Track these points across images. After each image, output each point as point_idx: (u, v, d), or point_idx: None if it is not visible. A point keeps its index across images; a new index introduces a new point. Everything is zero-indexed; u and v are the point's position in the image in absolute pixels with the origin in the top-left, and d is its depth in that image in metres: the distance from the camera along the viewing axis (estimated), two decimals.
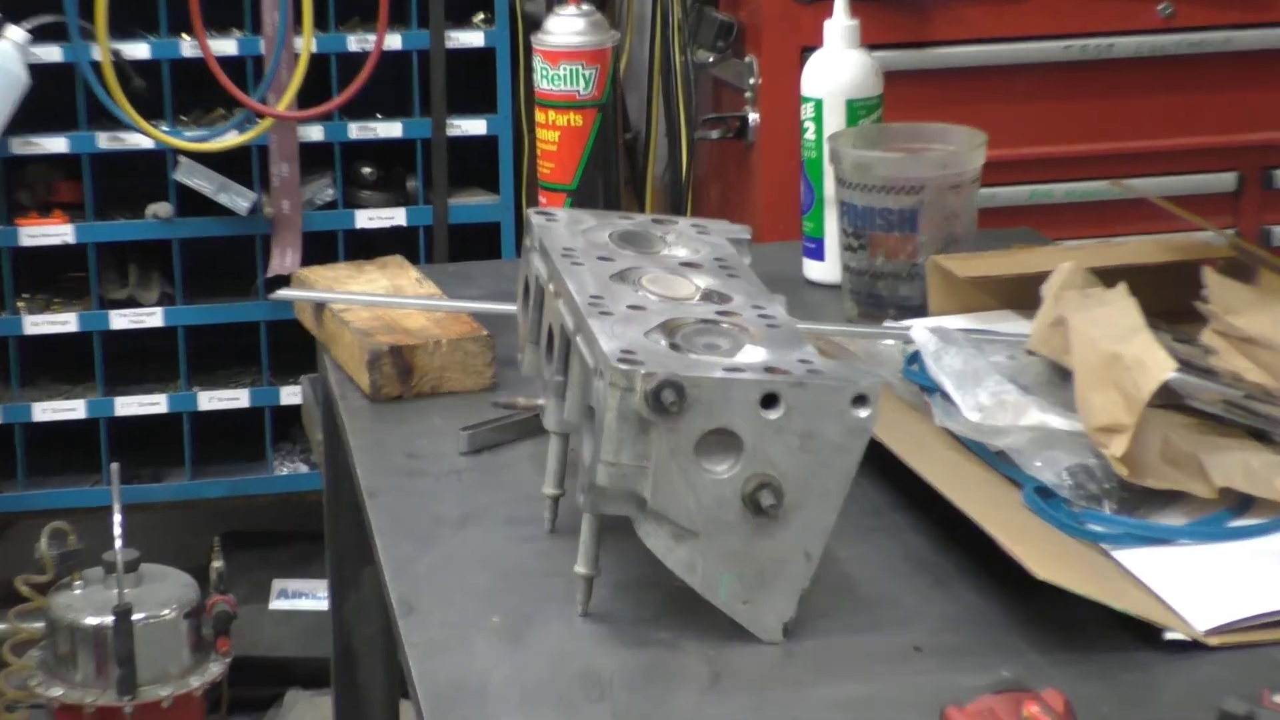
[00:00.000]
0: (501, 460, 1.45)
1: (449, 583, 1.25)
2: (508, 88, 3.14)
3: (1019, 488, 1.30)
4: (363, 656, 1.85)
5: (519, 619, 1.20)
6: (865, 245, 1.65)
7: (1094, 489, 1.28)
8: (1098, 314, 1.37)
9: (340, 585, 1.85)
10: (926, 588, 1.23)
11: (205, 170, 3.07)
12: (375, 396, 1.56)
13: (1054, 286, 1.45)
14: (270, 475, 3.21)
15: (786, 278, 1.75)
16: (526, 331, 1.38)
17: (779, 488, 1.14)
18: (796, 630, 1.17)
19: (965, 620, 1.19)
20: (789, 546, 1.15)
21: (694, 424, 1.12)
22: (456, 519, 1.35)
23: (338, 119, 3.10)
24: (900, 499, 1.33)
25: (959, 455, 1.35)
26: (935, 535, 1.29)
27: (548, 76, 1.91)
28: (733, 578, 1.16)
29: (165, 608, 2.88)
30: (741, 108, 2.89)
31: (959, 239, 1.65)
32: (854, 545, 1.26)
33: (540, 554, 1.28)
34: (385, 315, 1.62)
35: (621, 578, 1.22)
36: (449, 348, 1.56)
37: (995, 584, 1.21)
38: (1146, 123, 2.90)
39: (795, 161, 1.82)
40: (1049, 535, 1.24)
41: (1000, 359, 1.43)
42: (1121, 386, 1.28)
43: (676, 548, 1.15)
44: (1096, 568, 1.20)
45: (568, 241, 1.34)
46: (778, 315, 1.24)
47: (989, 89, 2.81)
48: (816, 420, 1.13)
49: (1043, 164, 2.80)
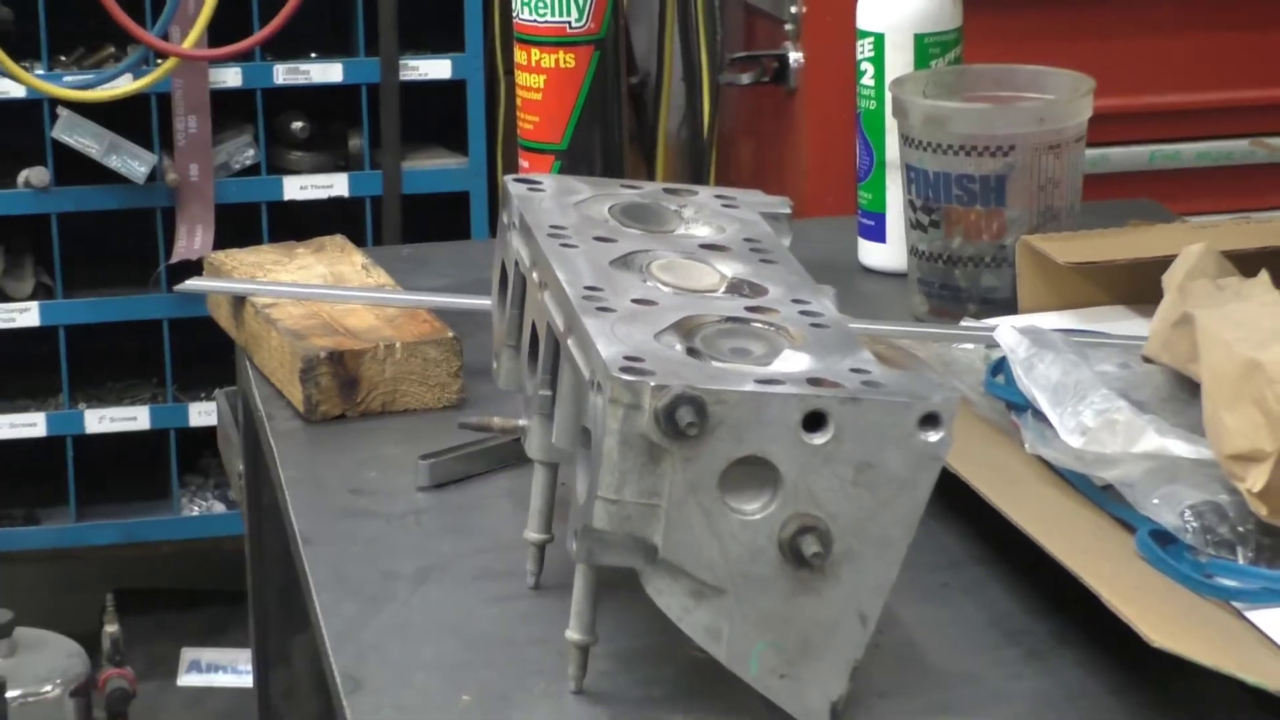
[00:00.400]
0: (471, 497, 1.46)
1: (406, 653, 1.26)
2: (478, 18, 3.15)
3: (1132, 531, 1.31)
4: None
5: (495, 698, 1.20)
6: (939, 222, 1.65)
7: (1226, 532, 1.29)
8: (1234, 311, 1.38)
9: (266, 657, 1.86)
10: (1015, 660, 1.24)
11: (92, 126, 3.08)
12: (311, 416, 1.56)
13: (1178, 275, 1.46)
14: (176, 517, 3.23)
15: (838, 264, 1.76)
16: (503, 333, 1.39)
17: (826, 532, 1.14)
18: (848, 713, 1.17)
19: (1064, 701, 1.19)
20: (839, 607, 1.16)
21: (719, 451, 1.13)
22: (414, 573, 1.35)
23: (260, 59, 3.11)
24: (981, 547, 1.34)
25: (1056, 491, 1.35)
26: (1026, 593, 1.30)
27: (530, 4, 1.92)
28: (768, 646, 1.16)
29: (46, 683, 2.90)
30: (781, 44, 2.90)
31: (1059, 214, 1.66)
32: (922, 605, 1.28)
33: (521, 617, 1.29)
34: (323, 312, 1.62)
35: (625, 647, 1.23)
36: (404, 353, 1.57)
37: (1102, 655, 1.22)
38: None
39: (849, 114, 1.82)
40: (1169, 592, 1.24)
41: (1109, 368, 1.44)
42: (1264, 404, 1.29)
43: (696, 609, 1.15)
44: (1228, 632, 1.21)
45: (557, 217, 1.35)
46: (826, 312, 1.25)
47: (1098, 20, 2.82)
48: (874, 446, 1.14)
49: (1167, 117, 2.81)
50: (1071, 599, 1.23)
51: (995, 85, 1.72)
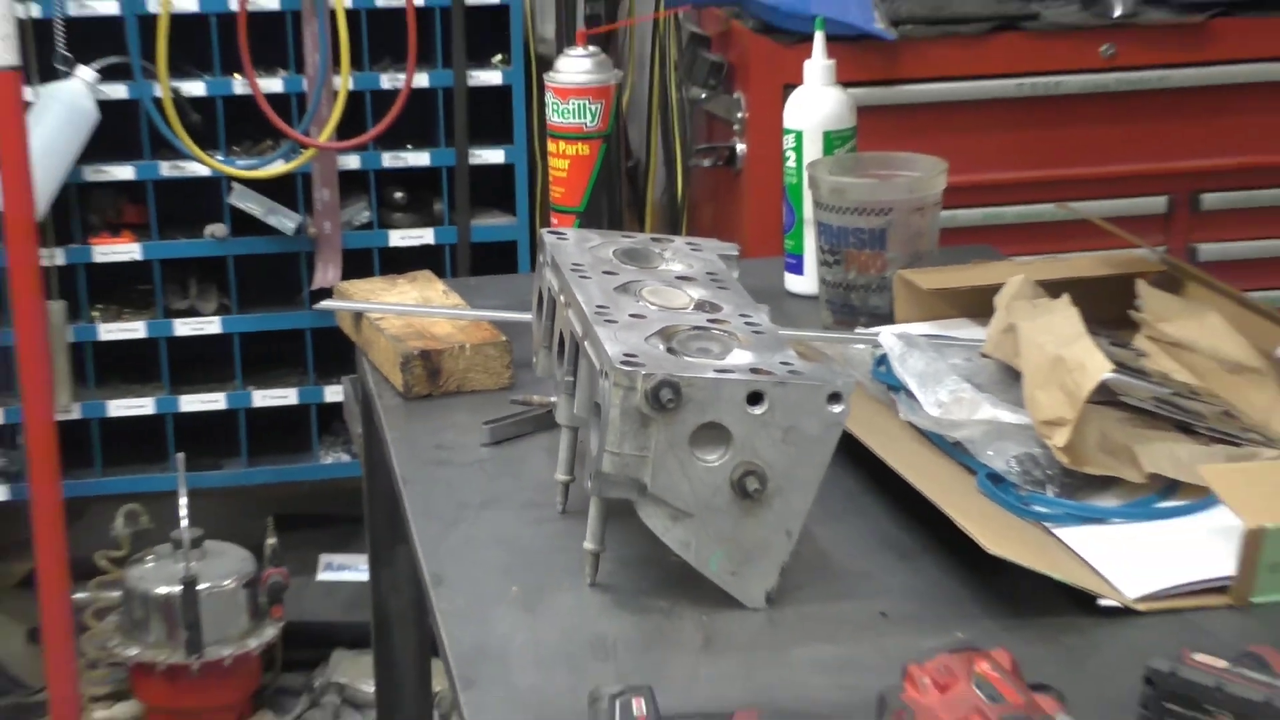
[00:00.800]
0: (519, 451, 1.45)
1: (473, 558, 1.26)
2: (523, 121, 3.14)
3: (973, 474, 1.30)
4: (398, 622, 1.86)
5: (535, 590, 1.20)
6: (840, 261, 1.65)
7: (1039, 475, 1.29)
8: (1044, 322, 1.38)
9: (378, 560, 1.85)
10: (892, 562, 1.24)
11: (256, 195, 3.07)
12: (407, 395, 1.56)
13: (1005, 297, 1.45)
14: (316, 464, 3.22)
15: (770, 290, 1.75)
16: (540, 337, 1.38)
17: (763, 475, 1.14)
18: (778, 599, 1.17)
19: (926, 590, 1.19)
20: (771, 527, 1.16)
21: (688, 419, 1.12)
22: (479, 503, 1.35)
23: (372, 149, 3.10)
24: (870, 485, 1.33)
25: (921, 446, 1.35)
26: (900, 516, 1.29)
27: (558, 111, 1.91)
28: (722, 554, 1.16)
29: (226, 579, 2.90)
30: (730, 139, 2.89)
31: (923, 255, 1.65)
32: (829, 525, 1.27)
33: (553, 533, 1.29)
34: (416, 323, 1.62)
35: (624, 554, 1.22)
36: (472, 351, 1.57)
37: (953, 559, 1.21)
38: (1089, 152, 2.90)
39: (778, 187, 1.81)
40: (999, 516, 1.24)
41: (958, 361, 1.43)
42: (1064, 385, 1.29)
43: (673, 527, 1.15)
44: (1040, 544, 1.21)
45: (576, 257, 1.34)
46: (762, 323, 1.25)
47: (950, 122, 2.81)
48: (797, 416, 1.14)
49: (997, 189, 2.80)
50: (932, 521, 1.22)
51: (879, 166, 1.71)
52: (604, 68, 1.93)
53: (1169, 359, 1.43)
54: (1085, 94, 2.89)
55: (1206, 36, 2.89)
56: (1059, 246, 2.56)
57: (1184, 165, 2.95)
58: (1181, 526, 1.24)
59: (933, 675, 0.98)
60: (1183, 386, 1.39)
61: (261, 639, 2.92)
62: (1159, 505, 1.27)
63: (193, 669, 2.86)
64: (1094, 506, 1.26)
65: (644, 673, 1.05)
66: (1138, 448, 1.30)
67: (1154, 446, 1.30)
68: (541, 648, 1.13)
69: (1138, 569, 1.17)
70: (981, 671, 0.97)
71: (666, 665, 1.10)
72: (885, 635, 1.13)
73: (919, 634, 1.12)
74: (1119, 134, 2.92)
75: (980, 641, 1.00)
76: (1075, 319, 1.36)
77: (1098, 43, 2.86)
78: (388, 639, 1.87)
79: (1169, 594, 1.15)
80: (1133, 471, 1.28)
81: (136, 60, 2.94)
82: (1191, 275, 1.57)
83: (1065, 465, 1.27)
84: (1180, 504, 1.26)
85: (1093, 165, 2.91)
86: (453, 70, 3.07)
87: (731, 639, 1.14)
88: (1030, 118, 2.88)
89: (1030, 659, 1.00)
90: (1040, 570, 1.15)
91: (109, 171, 3.03)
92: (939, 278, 1.59)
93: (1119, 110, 2.90)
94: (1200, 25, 2.88)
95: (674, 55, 3.14)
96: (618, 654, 1.12)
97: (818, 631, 1.14)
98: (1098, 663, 1.09)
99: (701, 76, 3.02)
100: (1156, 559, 1.18)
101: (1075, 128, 2.90)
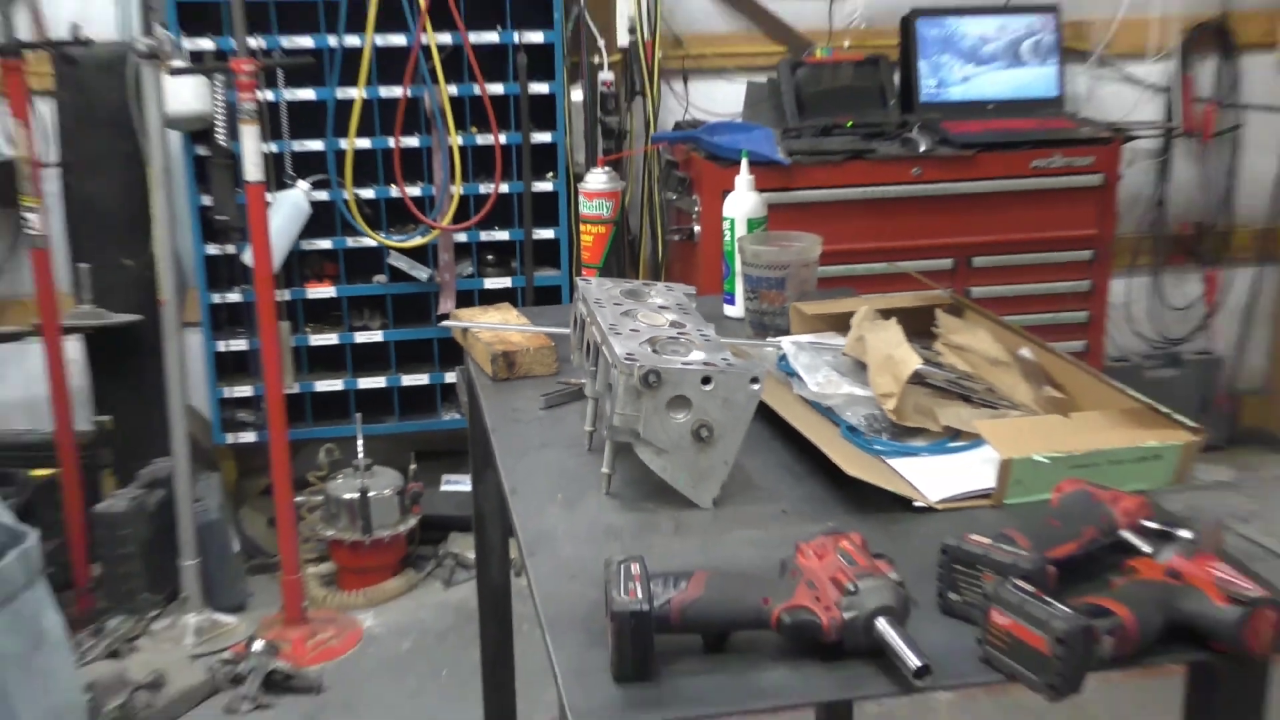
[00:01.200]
0: (562, 413, 1.44)
1: (536, 478, 1.25)
2: (564, 212, 3.13)
3: (838, 426, 1.30)
4: (489, 516, 1.85)
5: (572, 497, 1.20)
6: (757, 297, 1.64)
7: (878, 427, 1.28)
8: (880, 335, 1.37)
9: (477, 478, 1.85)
10: (790, 480, 1.23)
11: (404, 257, 3.06)
12: (494, 378, 1.55)
13: (857, 319, 1.45)
14: (439, 420, 3.19)
15: (715, 315, 1.75)
16: (575, 344, 1.38)
17: (711, 427, 1.14)
18: (720, 502, 1.17)
19: (810, 497, 1.19)
20: (716, 458, 1.15)
21: (665, 393, 1.12)
22: (538, 445, 1.34)
23: (474, 230, 3.09)
24: (776, 433, 1.33)
25: (807, 410, 1.34)
26: (795, 453, 1.28)
27: (587, 206, 1.91)
28: (685, 475, 1.16)
29: (386, 489, 2.88)
30: (691, 224, 2.89)
31: (807, 294, 1.64)
32: (751, 458, 1.26)
33: (583, 463, 1.28)
34: (499, 335, 1.61)
35: (626, 476, 1.22)
36: (533, 352, 1.55)
37: (827, 479, 1.21)
38: (906, 232, 2.90)
39: (719, 252, 1.81)
40: (854, 451, 1.24)
41: (829, 358, 1.43)
42: (893, 373, 1.28)
43: (656, 459, 1.15)
44: (879, 468, 1.20)
45: (597, 295, 1.34)
46: (710, 335, 1.24)
47: (823, 214, 2.80)
48: (731, 391, 1.13)
49: (852, 254, 2.79)
50: (814, 455, 1.22)
51: (780, 240, 1.70)
52: (614, 180, 1.93)
53: (955, 357, 1.43)
54: (903, 198, 2.88)
55: (975, 164, 2.89)
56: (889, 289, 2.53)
57: (962, 240, 2.95)
58: (963, 458, 1.23)
59: (814, 549, 0.98)
60: (963, 374, 1.39)
61: (407, 525, 2.91)
62: (949, 445, 1.26)
63: (366, 543, 2.85)
64: (910, 446, 1.26)
65: (638, 548, 1.05)
66: (937, 410, 1.29)
67: (947, 409, 1.30)
68: (576, 532, 1.12)
69: (936, 483, 1.17)
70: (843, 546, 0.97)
71: (651, 543, 1.10)
72: (785, 525, 1.13)
73: (806, 524, 1.12)
74: (924, 222, 2.91)
75: (842, 528, 1.00)
76: (899, 333, 1.36)
77: (910, 166, 2.86)
78: (483, 526, 1.86)
79: (955, 499, 1.15)
80: (934, 425, 1.28)
81: (334, 176, 2.92)
82: (968, 306, 1.56)
83: (894, 421, 1.27)
84: (962, 444, 1.26)
85: (908, 240, 2.90)
86: (522, 182, 3.06)
87: (691, 527, 1.13)
88: (870, 211, 2.87)
89: (873, 539, 1.00)
90: (878, 484, 1.15)
91: (316, 243, 3.01)
92: (817, 307, 1.59)
93: (924, 208, 2.90)
94: (971, 158, 2.88)
95: (657, 172, 3.13)
96: (622, 536, 1.12)
97: (744, 522, 1.14)
98: (913, 540, 1.09)
99: (673, 185, 3.02)
100: (948, 477, 1.18)
101: (897, 218, 2.90)
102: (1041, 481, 1.13)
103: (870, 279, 2.77)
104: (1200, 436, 1.17)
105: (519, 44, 2.94)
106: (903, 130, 2.95)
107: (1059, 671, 0.85)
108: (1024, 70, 3.20)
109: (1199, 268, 3.52)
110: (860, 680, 0.90)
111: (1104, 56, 3.33)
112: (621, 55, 3.11)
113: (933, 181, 2.88)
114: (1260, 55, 3.36)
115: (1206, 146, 3.42)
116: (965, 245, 2.96)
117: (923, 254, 2.90)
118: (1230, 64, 3.38)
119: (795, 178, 2.81)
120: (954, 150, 2.87)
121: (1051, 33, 3.20)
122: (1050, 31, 3.20)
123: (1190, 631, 0.92)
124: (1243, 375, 3.61)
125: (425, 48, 2.86)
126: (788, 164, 2.78)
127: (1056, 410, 1.27)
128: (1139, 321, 3.55)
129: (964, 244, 2.96)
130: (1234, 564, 0.96)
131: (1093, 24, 3.31)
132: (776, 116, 3.05)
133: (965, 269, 2.98)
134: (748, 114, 3.14)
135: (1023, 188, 2.92)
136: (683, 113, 3.26)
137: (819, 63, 3.08)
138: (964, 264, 2.98)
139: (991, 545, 0.97)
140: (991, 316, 1.49)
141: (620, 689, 0.89)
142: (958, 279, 2.95)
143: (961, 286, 2.93)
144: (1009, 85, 3.19)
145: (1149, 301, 3.55)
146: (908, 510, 1.14)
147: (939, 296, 1.60)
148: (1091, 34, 3.31)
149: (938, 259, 2.93)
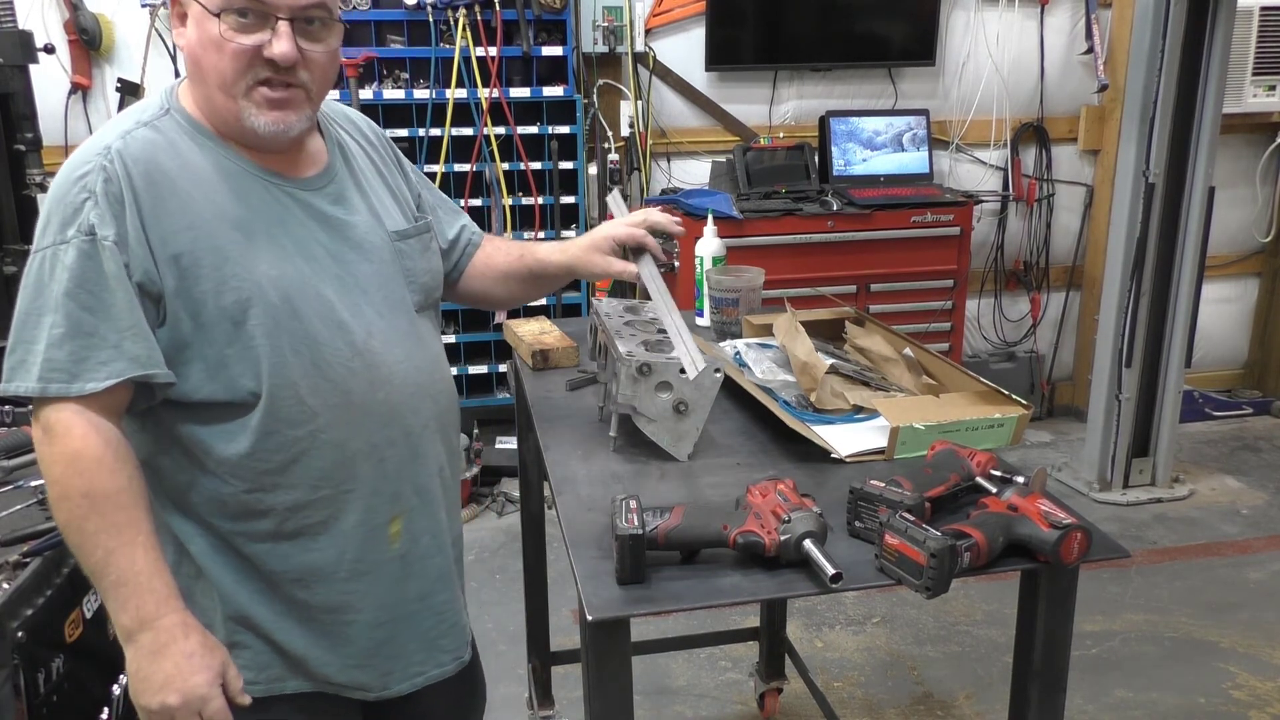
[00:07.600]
0: (582, 394, 1.42)
1: (563, 437, 1.23)
2: None
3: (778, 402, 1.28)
4: (530, 465, 1.83)
5: (587, 452, 1.18)
6: (719, 312, 1.62)
7: (805, 404, 1.27)
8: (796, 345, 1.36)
9: (521, 438, 1.82)
10: (748, 440, 1.21)
11: None
12: (534, 368, 1.52)
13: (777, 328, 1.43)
14: (494, 397, 3.16)
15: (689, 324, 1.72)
16: (592, 345, 1.36)
17: (686, 403, 1.12)
18: (693, 456, 1.15)
19: (759, 451, 1.17)
20: (690, 425, 1.13)
21: (654, 379, 1.10)
22: (565, 415, 1.32)
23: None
24: (735, 404, 1.31)
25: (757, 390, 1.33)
26: (750, 418, 1.27)
27: None
28: (669, 437, 1.14)
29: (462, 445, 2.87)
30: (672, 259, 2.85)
31: (754, 310, 1.62)
32: (715, 424, 1.24)
33: (596, 429, 1.25)
34: (537, 337, 1.59)
35: (628, 440, 1.20)
36: (561, 350, 1.53)
37: (778, 437, 1.19)
38: (824, 267, 2.87)
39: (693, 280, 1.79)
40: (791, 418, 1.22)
41: (770, 355, 1.42)
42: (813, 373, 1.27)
43: (648, 425, 1.13)
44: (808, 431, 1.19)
45: (607, 310, 1.32)
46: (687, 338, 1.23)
47: (767, 253, 2.78)
48: (701, 378, 1.11)
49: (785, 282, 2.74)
50: (769, 420, 1.20)
51: (736, 272, 1.68)
52: None
53: (860, 355, 1.41)
54: (821, 243, 2.86)
55: (871, 219, 2.87)
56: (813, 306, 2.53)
57: (863, 272, 2.93)
58: (865, 425, 1.22)
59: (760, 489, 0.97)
60: (865, 367, 1.38)
61: (472, 471, 2.89)
62: (856, 417, 1.24)
63: None
64: (828, 416, 1.24)
65: (635, 489, 1.04)
66: (847, 393, 1.28)
67: (854, 391, 1.28)
68: (591, 477, 1.11)
69: (846, 442, 1.15)
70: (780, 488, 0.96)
71: (645, 485, 1.08)
72: (740, 472, 1.11)
73: (754, 471, 1.10)
74: (836, 260, 2.89)
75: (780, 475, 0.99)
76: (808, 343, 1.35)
77: (826, 221, 2.84)
78: (525, 473, 1.84)
79: (860, 454, 1.14)
80: (844, 403, 1.26)
81: None
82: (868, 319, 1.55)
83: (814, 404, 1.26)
84: (864, 416, 1.24)
85: (825, 272, 2.88)
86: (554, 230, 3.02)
87: (673, 474, 1.11)
88: (799, 253, 2.85)
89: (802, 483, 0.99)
90: (813, 438, 1.13)
91: None
92: (761, 319, 1.57)
93: (836, 250, 2.88)
94: (869, 215, 2.86)
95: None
96: (624, 481, 1.10)
97: (711, 470, 1.12)
98: (830, 483, 1.08)
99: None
100: (854, 438, 1.17)
101: (817, 257, 2.88)
102: (920, 442, 1.12)
103: (799, 300, 2.74)
104: (1029, 411, 1.16)
105: (552, 134, 2.93)
106: (821, 195, 2.93)
107: (932, 577, 0.85)
108: (905, 154, 3.20)
109: (1027, 292, 3.54)
110: (792, 583, 0.89)
111: (960, 145, 3.34)
112: (624, 142, 3.10)
113: (842, 231, 2.87)
114: (1066, 146, 3.43)
115: (1030, 208, 3.45)
116: (865, 276, 2.94)
117: (835, 282, 2.88)
118: (1046, 151, 3.41)
119: (746, 229, 2.79)
120: (857, 210, 2.86)
121: (923, 129, 3.21)
122: (923, 128, 3.21)
123: (1024, 548, 0.92)
124: (1057, 367, 3.67)
125: (486, 137, 2.85)
126: (741, 219, 2.77)
127: (930, 392, 1.26)
128: (986, 330, 3.58)
129: (864, 275, 2.94)
130: (1053, 500, 0.95)
131: (952, 123, 3.33)
132: (733, 185, 3.04)
133: (865, 293, 2.96)
134: (713, 183, 3.13)
135: (905, 236, 2.92)
136: (667, 182, 3.24)
137: (762, 148, 3.07)
138: (864, 289, 2.96)
139: (885, 487, 0.96)
140: (884, 326, 1.48)
141: (622, 589, 0.88)
142: (860, 300, 2.93)
143: (863, 305, 2.91)
144: (894, 165, 3.19)
145: (993, 315, 3.57)
146: (826, 461, 1.13)
147: (847, 312, 1.59)
148: (951, 129, 3.33)
149: (846, 286, 2.91)
